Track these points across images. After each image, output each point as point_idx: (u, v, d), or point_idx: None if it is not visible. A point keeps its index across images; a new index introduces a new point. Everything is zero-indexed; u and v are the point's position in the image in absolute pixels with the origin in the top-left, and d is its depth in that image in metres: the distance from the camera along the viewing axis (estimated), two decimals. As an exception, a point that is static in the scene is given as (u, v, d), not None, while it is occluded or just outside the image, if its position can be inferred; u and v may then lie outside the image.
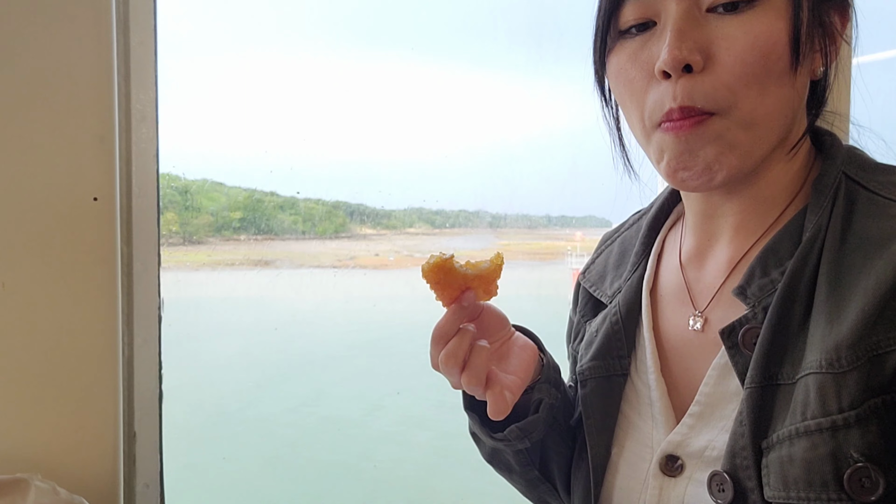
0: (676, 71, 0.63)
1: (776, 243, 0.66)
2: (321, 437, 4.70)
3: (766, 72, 0.62)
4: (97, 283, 1.03)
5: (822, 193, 0.66)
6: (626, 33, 0.68)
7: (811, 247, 0.63)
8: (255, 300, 3.91)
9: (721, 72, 0.62)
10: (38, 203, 1.01)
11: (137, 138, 1.09)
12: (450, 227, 3.57)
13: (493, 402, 0.71)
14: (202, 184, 2.41)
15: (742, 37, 0.62)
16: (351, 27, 3.95)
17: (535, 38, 3.75)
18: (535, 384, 0.79)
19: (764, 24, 0.62)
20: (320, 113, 3.51)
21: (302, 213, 3.26)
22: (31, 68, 1.00)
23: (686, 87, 0.63)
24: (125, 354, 1.08)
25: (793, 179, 0.70)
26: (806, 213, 0.66)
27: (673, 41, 0.62)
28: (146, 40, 1.09)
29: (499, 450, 0.82)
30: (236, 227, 2.71)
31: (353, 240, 3.56)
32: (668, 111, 0.64)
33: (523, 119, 4.07)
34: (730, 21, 0.62)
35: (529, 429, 0.77)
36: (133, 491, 1.11)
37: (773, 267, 0.65)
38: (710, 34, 0.63)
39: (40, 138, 1.01)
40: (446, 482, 4.13)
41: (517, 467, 0.83)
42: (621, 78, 0.69)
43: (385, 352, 4.87)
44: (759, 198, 0.70)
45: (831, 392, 0.56)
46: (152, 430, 1.13)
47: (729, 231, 0.73)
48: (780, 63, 0.62)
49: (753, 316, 0.64)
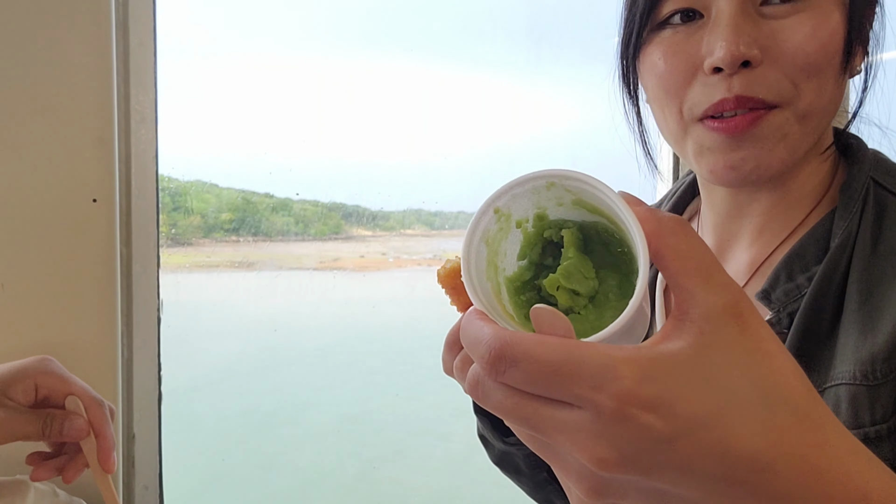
0: (733, 67, 0.60)
1: (802, 248, 0.65)
2: (321, 437, 4.70)
3: (827, 64, 0.61)
4: (96, 285, 1.03)
5: (852, 199, 0.64)
6: (664, 24, 0.65)
7: (841, 254, 0.62)
8: (228, 303, 3.89)
9: (783, 63, 0.60)
10: (37, 204, 1.01)
11: (137, 140, 1.09)
12: (448, 229, 3.57)
13: None
14: (192, 185, 2.41)
15: (801, 27, 0.60)
16: (351, 28, 3.95)
17: (534, 40, 3.75)
18: None
19: (822, 15, 0.60)
20: (320, 114, 3.51)
21: (295, 215, 3.23)
22: (31, 70, 1.00)
23: (744, 80, 0.60)
24: (124, 356, 1.08)
25: (821, 182, 0.69)
26: (833, 219, 0.65)
27: (730, 36, 0.59)
28: (146, 41, 1.09)
29: (509, 453, 0.80)
30: (227, 229, 2.68)
31: (348, 241, 3.55)
32: (720, 101, 0.61)
33: (523, 120, 4.07)
34: (787, 12, 0.61)
35: None
36: (132, 493, 1.11)
37: (799, 272, 0.64)
38: (767, 27, 0.61)
39: (39, 139, 1.00)
40: (448, 483, 4.12)
41: (526, 469, 0.81)
42: (657, 70, 0.66)
43: (367, 354, 4.86)
44: (786, 199, 0.69)
45: (864, 404, 0.55)
46: (151, 432, 1.13)
47: (751, 232, 0.72)
48: (837, 56, 0.61)
49: (778, 321, 0.64)
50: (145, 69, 1.09)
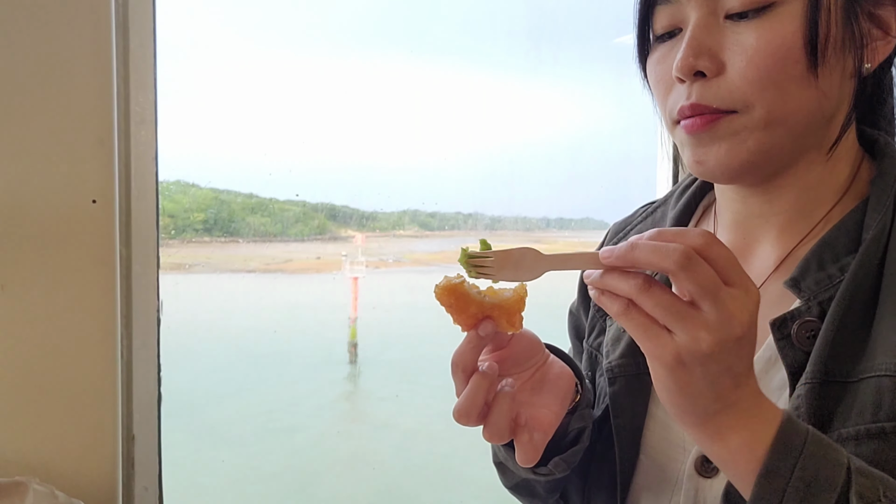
0: (688, 77, 0.66)
1: (833, 238, 0.67)
2: (323, 438, 4.69)
3: (783, 75, 0.63)
4: (96, 286, 1.03)
5: (884, 192, 0.66)
6: (659, 39, 0.71)
7: (876, 245, 0.64)
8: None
9: (734, 76, 0.64)
10: (36, 205, 1.01)
11: (136, 141, 1.09)
12: (440, 230, 3.55)
13: (522, 451, 0.67)
14: (168, 185, 2.38)
15: (755, 42, 0.63)
16: (351, 30, 3.95)
17: (534, 41, 3.75)
18: (574, 410, 0.74)
19: (777, 28, 0.63)
20: (319, 116, 3.51)
21: (274, 215, 3.17)
22: (30, 71, 1.00)
23: (699, 90, 0.66)
24: (124, 357, 1.08)
25: (839, 180, 0.71)
26: (866, 211, 0.67)
27: (685, 49, 0.66)
28: (145, 43, 1.09)
29: (529, 481, 0.78)
30: (197, 230, 2.62)
31: (334, 242, 3.53)
32: (681, 109, 0.68)
33: (523, 122, 4.07)
34: (745, 27, 0.64)
35: (572, 460, 0.74)
36: (132, 494, 1.11)
37: (830, 262, 0.66)
38: (724, 41, 0.65)
39: (39, 140, 1.01)
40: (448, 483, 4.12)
41: (543, 493, 0.80)
42: (652, 78, 0.73)
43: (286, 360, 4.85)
44: (803, 199, 0.71)
45: None
46: (151, 433, 1.13)
47: (774, 231, 0.73)
48: (797, 66, 0.63)
49: (808, 310, 0.64)
50: (145, 70, 1.09)
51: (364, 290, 4.22)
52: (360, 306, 4.28)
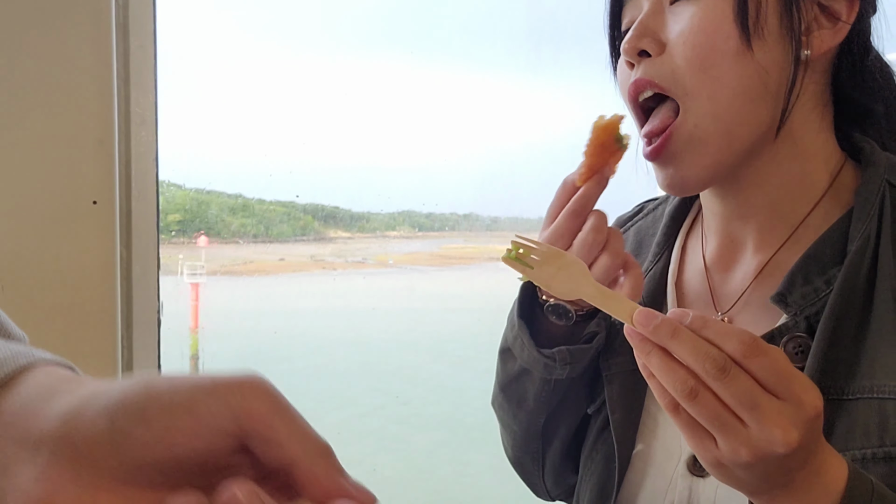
0: (634, 57, 0.68)
1: (818, 250, 0.66)
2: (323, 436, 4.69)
3: (716, 52, 0.64)
4: (96, 286, 1.03)
5: (868, 202, 0.65)
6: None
7: (861, 257, 0.63)
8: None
9: (675, 54, 0.66)
10: (37, 206, 1.01)
11: (137, 142, 1.09)
12: (437, 231, 3.53)
13: (634, 282, 0.69)
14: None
15: (689, 20, 0.65)
16: (350, 31, 3.96)
17: (533, 42, 3.75)
18: (596, 312, 0.74)
19: (710, 6, 0.65)
20: (319, 117, 3.51)
21: (257, 216, 3.10)
22: (31, 72, 1.00)
23: (643, 67, 0.68)
24: (124, 358, 1.08)
25: (813, 180, 0.70)
26: (849, 221, 0.66)
27: (631, 32, 0.68)
28: (146, 44, 1.09)
29: (527, 374, 0.77)
30: (173, 231, 2.54)
31: (318, 243, 3.49)
32: (628, 89, 0.69)
33: (523, 121, 4.08)
34: (683, 8, 0.66)
35: (577, 357, 0.73)
36: (132, 494, 1.11)
37: (815, 275, 0.64)
38: (667, 23, 0.67)
39: (40, 141, 1.01)
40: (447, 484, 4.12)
41: (532, 403, 0.78)
42: (620, 80, 0.74)
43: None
44: (777, 197, 0.70)
45: None
46: (151, 434, 1.13)
47: (754, 234, 0.72)
48: (729, 41, 0.64)
49: (795, 325, 0.64)
50: (145, 71, 1.09)
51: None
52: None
